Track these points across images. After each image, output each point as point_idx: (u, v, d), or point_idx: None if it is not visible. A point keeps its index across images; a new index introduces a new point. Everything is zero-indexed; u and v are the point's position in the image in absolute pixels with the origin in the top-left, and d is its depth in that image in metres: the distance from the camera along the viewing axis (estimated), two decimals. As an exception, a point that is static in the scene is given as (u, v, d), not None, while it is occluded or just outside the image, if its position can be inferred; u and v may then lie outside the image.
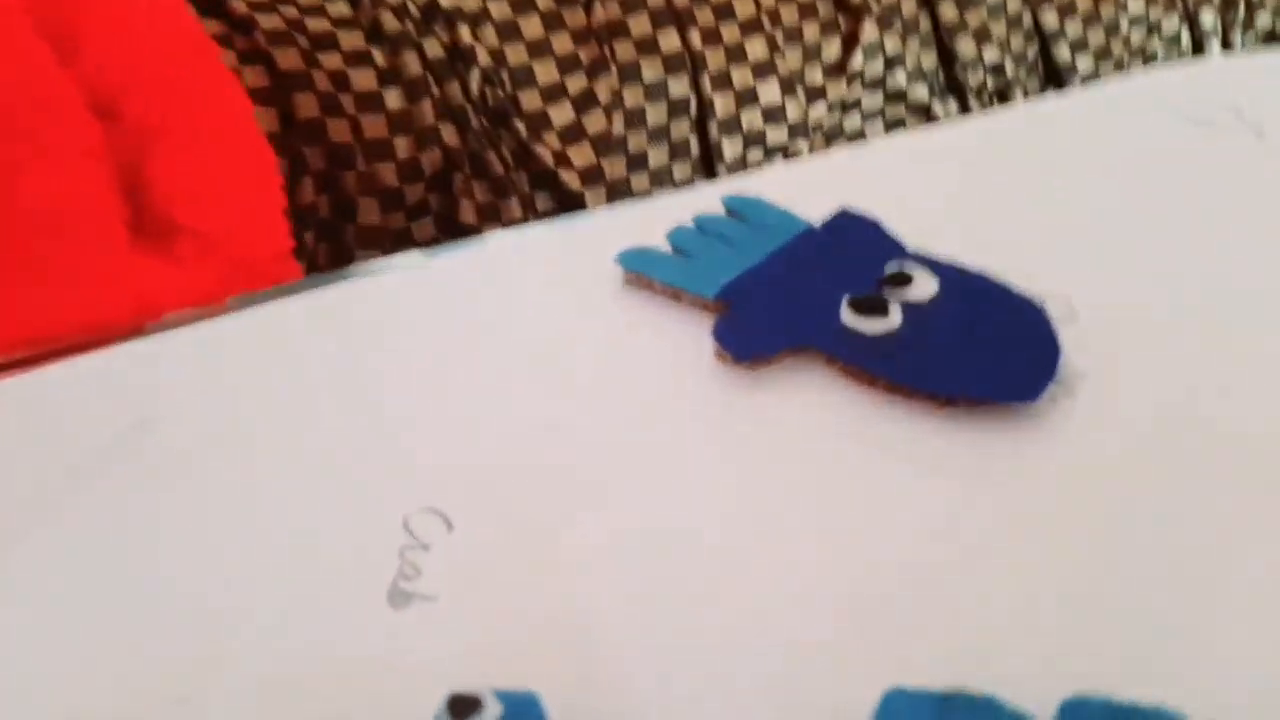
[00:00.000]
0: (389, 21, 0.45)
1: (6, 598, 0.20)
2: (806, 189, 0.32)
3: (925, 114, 0.54)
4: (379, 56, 0.44)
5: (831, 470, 0.24)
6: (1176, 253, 0.31)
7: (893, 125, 0.54)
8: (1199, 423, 0.25)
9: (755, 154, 0.50)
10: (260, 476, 0.23)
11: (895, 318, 0.26)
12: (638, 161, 0.48)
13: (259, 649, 0.19)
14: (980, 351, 0.25)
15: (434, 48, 0.45)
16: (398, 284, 0.29)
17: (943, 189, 0.33)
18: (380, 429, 0.24)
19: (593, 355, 0.27)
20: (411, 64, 0.44)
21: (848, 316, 0.26)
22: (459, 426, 0.24)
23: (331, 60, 0.43)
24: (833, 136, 0.53)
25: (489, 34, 0.45)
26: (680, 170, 0.49)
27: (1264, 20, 0.63)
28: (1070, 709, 0.18)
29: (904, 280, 0.27)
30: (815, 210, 0.31)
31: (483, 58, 0.45)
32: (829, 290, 0.27)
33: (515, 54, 0.45)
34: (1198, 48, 0.61)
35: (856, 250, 0.29)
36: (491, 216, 0.45)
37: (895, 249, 0.29)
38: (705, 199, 0.31)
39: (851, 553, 0.22)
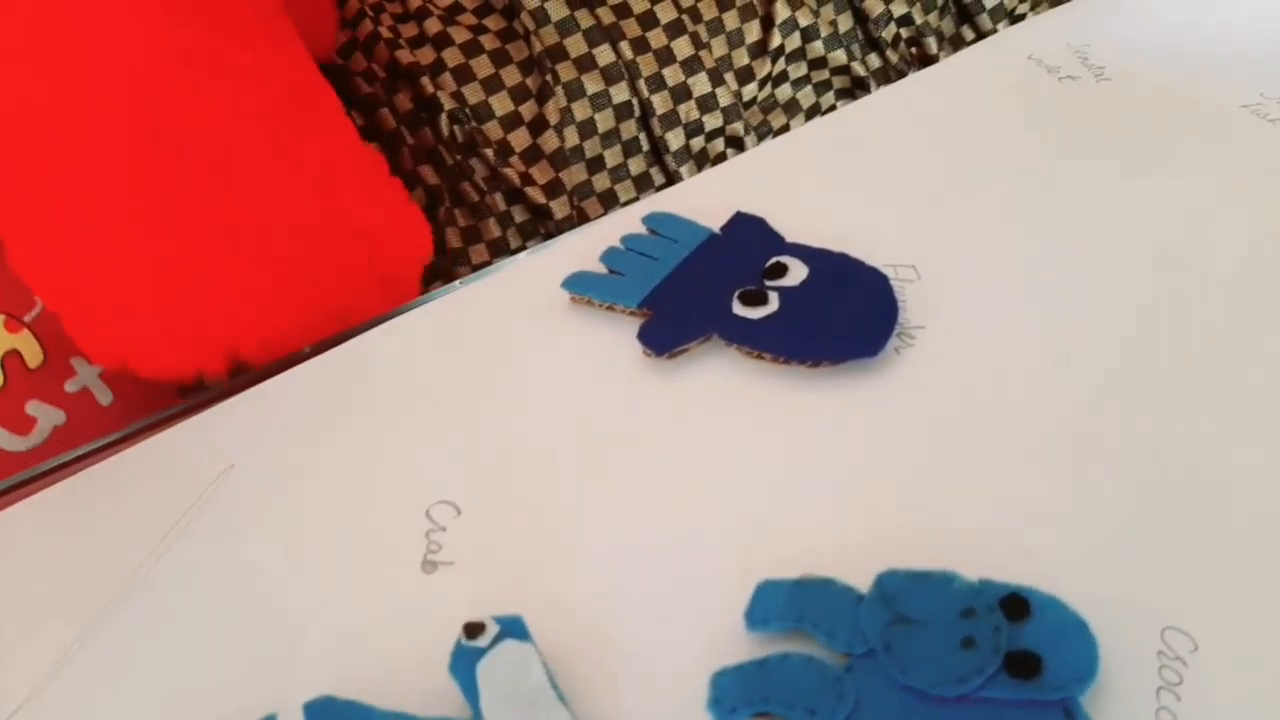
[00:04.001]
0: (361, 86, 0.54)
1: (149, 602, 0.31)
2: (720, 191, 0.41)
3: (847, 73, 0.62)
4: (358, 118, 0.53)
5: (736, 425, 0.33)
6: (1013, 203, 0.39)
7: (819, 87, 0.62)
8: (1025, 360, 0.34)
9: (698, 141, 0.58)
10: (321, 493, 0.33)
11: (773, 303, 0.35)
12: (595, 164, 0.57)
13: (339, 617, 0.30)
14: (835, 321, 0.34)
15: (403, 102, 0.54)
16: (405, 328, 0.39)
17: (820, 178, 0.41)
18: (401, 445, 0.34)
19: (553, 365, 0.36)
20: (387, 120, 0.54)
21: (738, 308, 0.35)
22: (458, 435, 0.34)
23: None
24: (768, 109, 0.61)
25: (448, 80, 0.54)
26: (635, 165, 0.58)
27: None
28: (883, 579, 0.28)
29: (780, 271, 0.36)
30: (727, 209, 0.40)
31: (446, 102, 0.54)
32: (724, 286, 0.36)
33: (473, 93, 0.54)
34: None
35: (746, 248, 0.38)
36: (474, 237, 0.54)
37: (776, 243, 0.38)
38: (628, 219, 0.40)
39: (751, 479, 0.32)
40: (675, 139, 0.57)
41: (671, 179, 0.57)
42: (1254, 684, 0.26)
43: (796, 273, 0.36)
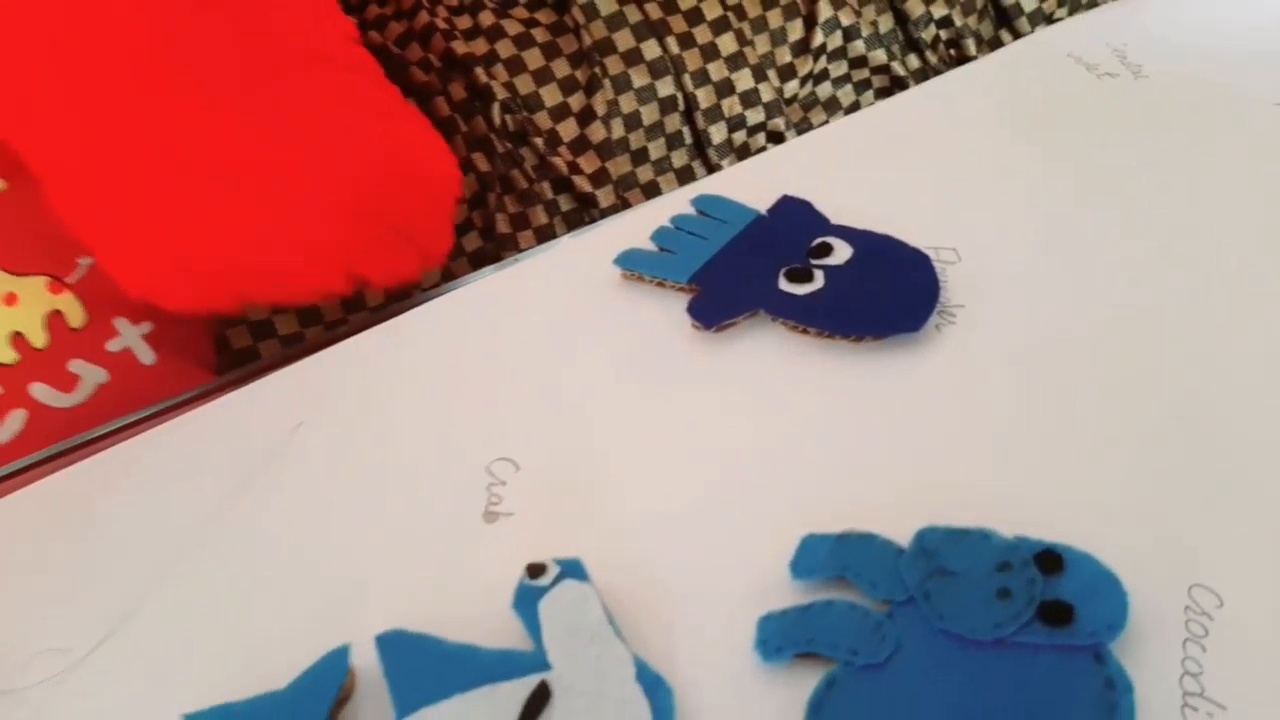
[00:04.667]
0: (417, 75, 0.56)
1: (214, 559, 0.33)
2: (764, 179, 0.43)
3: (886, 72, 0.64)
4: (414, 105, 0.55)
5: (782, 396, 0.35)
6: (1051, 192, 0.41)
7: (859, 86, 0.64)
8: (1060, 337, 0.35)
9: (740, 135, 0.60)
10: (388, 450, 0.35)
11: (819, 281, 0.37)
12: (640, 156, 0.59)
13: (407, 562, 0.32)
14: (879, 298, 0.36)
15: (457, 91, 0.56)
16: (464, 300, 0.41)
17: (862, 168, 0.43)
18: (464, 407, 0.36)
19: (605, 335, 0.38)
20: (441, 108, 0.56)
21: (784, 284, 0.37)
22: (517, 398, 0.36)
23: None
24: (808, 106, 0.63)
25: (500, 71, 0.56)
26: (678, 158, 0.60)
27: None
28: (923, 534, 0.29)
29: (826, 251, 0.38)
30: (768, 197, 0.42)
31: (499, 92, 0.56)
32: (771, 265, 0.38)
33: (524, 84, 0.56)
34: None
35: (792, 230, 0.39)
36: (522, 224, 0.56)
37: (821, 225, 0.39)
38: (679, 202, 0.42)
39: (795, 444, 0.33)
40: (718, 133, 0.59)
41: (713, 172, 0.59)
42: (1276, 639, 0.27)
43: (841, 252, 0.38)
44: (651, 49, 0.58)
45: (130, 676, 0.30)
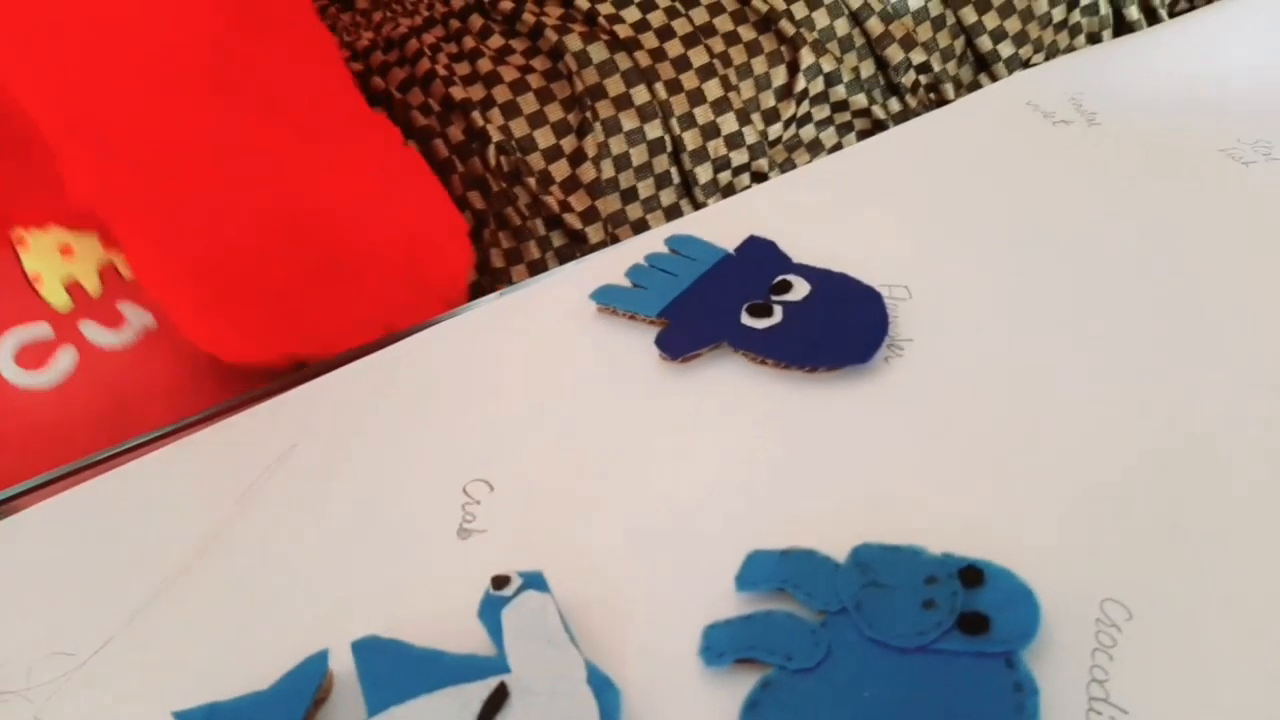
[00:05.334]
0: (418, 118, 0.59)
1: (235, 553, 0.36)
2: (738, 217, 0.46)
3: (868, 115, 0.67)
4: (414, 147, 0.58)
5: (740, 421, 0.38)
6: (1002, 233, 0.44)
7: (841, 129, 0.67)
8: (997, 371, 0.38)
9: (725, 175, 0.63)
10: (372, 471, 0.38)
11: (778, 315, 0.40)
12: (629, 195, 0.62)
13: (386, 574, 0.34)
14: (832, 332, 0.39)
15: (455, 133, 0.60)
16: (449, 331, 0.44)
17: (828, 208, 0.46)
18: (444, 430, 0.39)
19: (580, 365, 0.41)
20: (440, 149, 0.59)
21: (746, 318, 0.40)
22: (494, 423, 0.39)
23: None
24: (792, 147, 0.66)
25: (496, 115, 0.60)
26: (665, 197, 0.63)
27: (1181, -24, 0.73)
28: (859, 550, 0.32)
29: (786, 287, 0.41)
30: (742, 234, 0.45)
31: (494, 135, 0.59)
32: (735, 300, 0.41)
33: (519, 128, 0.60)
34: (1118, 16, 0.72)
35: (756, 267, 0.42)
36: (516, 258, 0.60)
37: (783, 263, 0.42)
38: (656, 240, 0.45)
39: (750, 467, 0.36)
40: (704, 173, 0.62)
41: (699, 209, 0.62)
42: (1180, 650, 0.29)
43: (800, 289, 0.40)
44: (641, 94, 0.61)
45: (129, 679, 0.33)
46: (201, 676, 0.32)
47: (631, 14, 0.63)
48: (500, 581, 0.32)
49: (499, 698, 0.29)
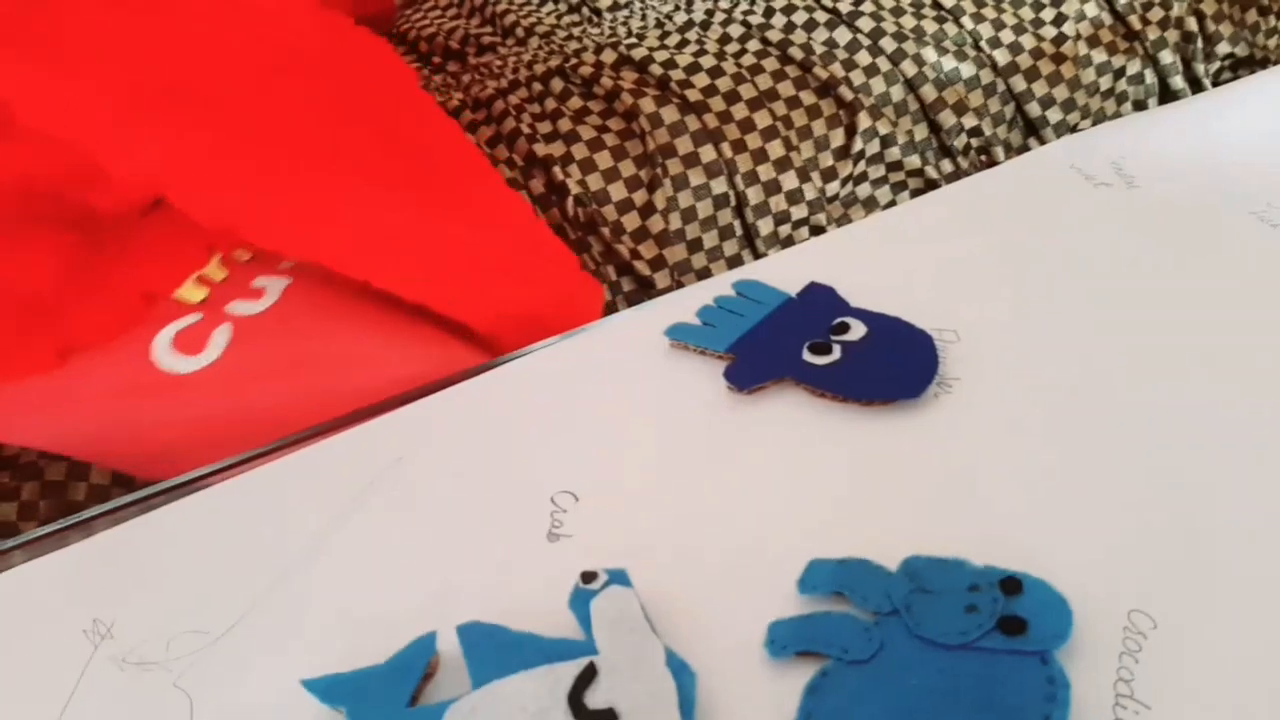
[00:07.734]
0: (505, 171, 0.65)
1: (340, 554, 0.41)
2: (800, 265, 0.51)
3: (920, 175, 0.71)
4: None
5: (801, 448, 0.42)
6: (1043, 284, 0.48)
7: (895, 187, 0.72)
8: (1038, 409, 0.42)
9: (785, 228, 0.68)
10: (470, 482, 0.43)
11: (837, 353, 0.44)
12: (694, 245, 0.67)
13: (486, 570, 0.39)
14: (887, 370, 0.43)
15: (537, 186, 0.65)
16: (539, 362, 0.49)
17: (883, 259, 0.51)
18: (535, 447, 0.44)
19: (655, 394, 0.46)
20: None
21: (807, 355, 0.44)
22: (580, 442, 0.44)
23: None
24: (848, 204, 0.71)
25: (574, 170, 0.65)
26: (729, 248, 0.68)
27: (1223, 48, 0.77)
28: (909, 561, 0.36)
29: (844, 329, 0.45)
30: (802, 281, 0.49)
31: (573, 188, 0.65)
32: (798, 339, 0.45)
33: (595, 182, 0.65)
34: (1163, 84, 0.76)
35: (816, 310, 0.47)
36: (590, 302, 0.65)
37: (842, 307, 0.47)
38: (722, 284, 0.50)
39: (810, 488, 0.40)
40: (765, 226, 0.67)
41: (759, 259, 0.67)
42: (1200, 656, 0.33)
43: (857, 330, 0.45)
44: (708, 153, 0.66)
45: (259, 653, 0.37)
46: (322, 653, 0.37)
47: (701, 79, 0.68)
48: (589, 576, 0.36)
49: (589, 675, 0.33)
